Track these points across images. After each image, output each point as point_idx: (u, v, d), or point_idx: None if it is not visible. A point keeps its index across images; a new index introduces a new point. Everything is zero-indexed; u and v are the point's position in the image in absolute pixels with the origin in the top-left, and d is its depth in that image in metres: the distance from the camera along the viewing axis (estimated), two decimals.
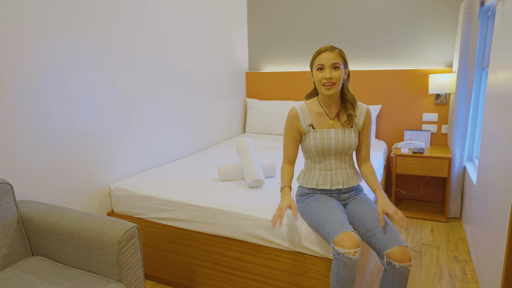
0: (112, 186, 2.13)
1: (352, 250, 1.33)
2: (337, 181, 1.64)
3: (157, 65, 2.50)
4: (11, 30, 1.58)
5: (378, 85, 3.28)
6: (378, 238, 1.46)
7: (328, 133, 1.62)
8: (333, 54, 1.55)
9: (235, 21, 3.54)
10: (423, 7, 3.09)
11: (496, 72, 1.91)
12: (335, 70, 1.55)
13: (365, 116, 1.66)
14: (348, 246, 1.33)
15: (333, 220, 1.46)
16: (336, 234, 1.38)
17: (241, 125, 3.82)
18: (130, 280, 1.43)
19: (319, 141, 1.61)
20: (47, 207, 1.57)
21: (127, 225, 1.42)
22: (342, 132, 1.63)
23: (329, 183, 1.64)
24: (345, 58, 1.58)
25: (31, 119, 1.69)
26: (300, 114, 1.66)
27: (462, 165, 2.85)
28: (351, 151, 1.66)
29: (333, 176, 1.64)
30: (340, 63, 1.55)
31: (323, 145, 1.61)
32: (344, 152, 1.64)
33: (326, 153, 1.62)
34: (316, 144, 1.61)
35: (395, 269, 1.39)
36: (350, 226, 1.45)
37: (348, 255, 1.32)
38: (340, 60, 1.56)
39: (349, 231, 1.38)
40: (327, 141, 1.61)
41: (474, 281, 2.08)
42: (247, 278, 1.79)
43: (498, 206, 1.66)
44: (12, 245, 1.48)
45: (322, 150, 1.62)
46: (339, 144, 1.61)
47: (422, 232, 2.73)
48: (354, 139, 1.64)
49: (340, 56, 1.56)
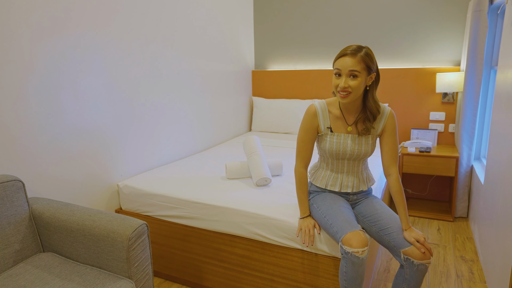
0: (120, 183, 2.15)
1: (360, 249, 1.33)
2: (347, 184, 1.61)
3: (164, 64, 2.51)
4: (22, 30, 1.60)
5: (385, 83, 3.27)
6: (393, 237, 1.45)
7: (345, 139, 1.56)
8: (354, 60, 1.40)
9: (241, 19, 3.54)
10: (431, 5, 3.07)
11: (505, 70, 1.90)
12: (352, 79, 1.42)
13: (386, 119, 1.55)
14: (356, 245, 1.33)
15: (340, 219, 1.46)
16: (344, 233, 1.38)
17: (247, 123, 3.82)
18: (139, 277, 1.45)
19: (335, 146, 1.56)
20: (57, 204, 1.59)
21: (137, 223, 1.43)
22: (359, 139, 1.56)
23: (339, 186, 1.62)
24: (369, 63, 1.42)
25: (41, 118, 1.71)
26: (320, 113, 1.58)
27: (469, 164, 2.84)
28: (366, 157, 1.61)
29: (344, 179, 1.62)
30: (360, 71, 1.41)
31: (338, 151, 1.56)
32: (359, 158, 1.59)
33: (340, 157, 1.59)
34: (332, 148, 1.57)
35: (413, 266, 1.40)
36: (358, 225, 1.45)
37: (356, 254, 1.33)
38: (361, 67, 1.41)
39: (357, 230, 1.38)
40: (342, 146, 1.56)
41: (482, 280, 2.08)
42: (255, 276, 1.80)
43: (506, 205, 1.65)
44: (24, 241, 1.50)
45: (337, 154, 1.58)
46: (354, 151, 1.56)
47: (428, 231, 2.72)
48: (370, 147, 1.57)
49: (362, 62, 1.41)
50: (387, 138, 1.56)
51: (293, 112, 3.50)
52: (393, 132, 1.56)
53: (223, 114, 3.33)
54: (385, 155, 1.58)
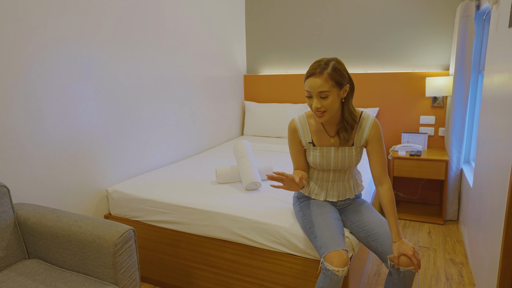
0: (109, 188, 2.13)
1: (341, 269, 1.33)
2: (332, 193, 1.61)
3: (154, 68, 2.51)
4: (11, 34, 1.58)
5: (376, 88, 3.29)
6: (380, 242, 1.45)
7: (328, 152, 1.55)
8: (320, 80, 1.35)
9: (233, 24, 3.55)
10: (420, 10, 3.11)
11: (492, 75, 1.92)
12: (324, 99, 1.38)
13: (370, 128, 1.51)
14: (337, 264, 1.33)
15: (325, 234, 1.44)
16: (327, 251, 1.38)
17: (239, 127, 3.82)
18: (126, 283, 1.43)
19: (318, 160, 1.56)
20: (43, 209, 1.57)
21: (123, 228, 1.42)
22: (342, 151, 1.54)
23: (324, 195, 1.62)
24: (338, 78, 1.37)
25: (28, 122, 1.70)
26: (300, 128, 1.58)
27: (459, 168, 2.86)
28: (351, 168, 1.59)
29: (329, 188, 1.61)
30: (329, 90, 1.36)
31: (322, 164, 1.56)
32: (345, 169, 1.58)
33: (325, 168, 1.58)
34: (315, 161, 1.57)
35: (399, 272, 1.40)
36: (342, 242, 1.43)
37: (337, 272, 1.33)
38: (329, 85, 1.36)
39: (340, 250, 1.37)
40: (326, 160, 1.55)
41: (471, 283, 2.09)
42: (244, 281, 1.79)
43: (494, 208, 1.66)
44: (8, 248, 1.47)
45: (321, 166, 1.57)
46: (338, 162, 1.55)
47: (419, 234, 2.73)
48: (354, 158, 1.55)
49: (330, 79, 1.35)
50: (373, 148, 1.53)
51: (285, 116, 3.51)
52: (378, 141, 1.52)
53: (215, 118, 3.33)
54: (373, 165, 1.54)
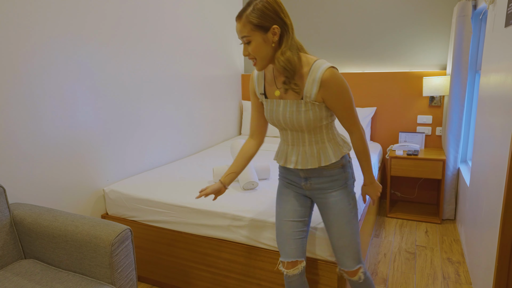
0: (106, 188, 2.12)
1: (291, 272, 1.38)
2: (291, 159, 1.36)
3: (151, 67, 2.50)
4: (8, 32, 1.58)
5: (373, 87, 3.30)
6: (335, 252, 1.40)
7: (277, 106, 1.31)
8: (240, 24, 1.19)
9: (231, 24, 3.55)
10: (417, 10, 3.11)
11: (488, 74, 1.93)
12: (248, 45, 1.21)
13: (319, 85, 1.20)
14: (287, 267, 1.40)
15: (281, 237, 1.41)
16: (281, 256, 1.42)
17: (237, 127, 3.82)
18: (122, 283, 1.43)
19: (269, 114, 1.34)
20: (40, 209, 1.57)
21: (120, 228, 1.42)
22: (290, 105, 1.27)
23: (283, 160, 1.40)
24: (259, 21, 1.16)
25: (24, 121, 1.69)
26: (255, 77, 1.38)
27: (456, 167, 2.87)
28: (309, 128, 1.29)
29: (289, 153, 1.37)
30: (249, 34, 1.18)
31: (272, 119, 1.33)
32: (301, 129, 1.30)
33: (279, 127, 1.35)
34: (266, 116, 1.36)
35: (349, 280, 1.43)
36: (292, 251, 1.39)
37: (287, 273, 1.39)
38: (249, 29, 1.17)
39: (291, 261, 1.38)
40: (275, 114, 1.31)
41: (468, 282, 2.09)
42: (242, 281, 1.79)
43: (490, 207, 1.67)
44: (4, 248, 1.47)
45: (273, 123, 1.35)
46: (286, 119, 1.29)
47: (416, 233, 2.74)
48: (304, 114, 1.25)
49: (248, 23, 1.16)
50: (335, 105, 1.25)
51: None
52: (336, 96, 1.22)
53: (213, 118, 3.32)
54: (341, 121, 1.31)
